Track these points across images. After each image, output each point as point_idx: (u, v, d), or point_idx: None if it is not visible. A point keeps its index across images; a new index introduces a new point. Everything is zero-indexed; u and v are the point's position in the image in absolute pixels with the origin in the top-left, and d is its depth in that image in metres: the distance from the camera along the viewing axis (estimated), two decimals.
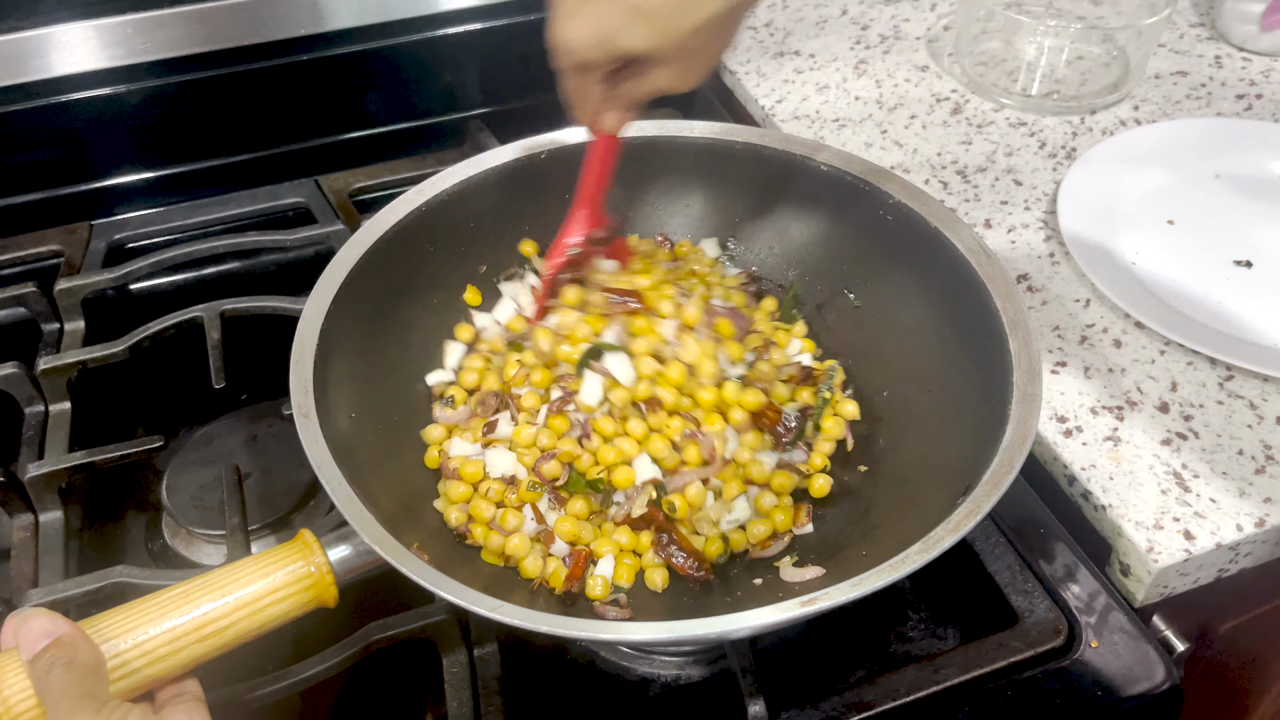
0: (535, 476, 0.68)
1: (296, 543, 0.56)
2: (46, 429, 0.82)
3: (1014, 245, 0.92)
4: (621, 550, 0.66)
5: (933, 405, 0.71)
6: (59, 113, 0.96)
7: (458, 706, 0.62)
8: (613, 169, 0.72)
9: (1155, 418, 0.77)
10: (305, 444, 0.59)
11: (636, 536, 0.66)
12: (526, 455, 0.69)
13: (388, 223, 0.73)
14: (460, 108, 1.09)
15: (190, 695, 0.53)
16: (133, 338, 0.84)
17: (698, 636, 0.56)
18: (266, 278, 0.98)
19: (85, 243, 0.97)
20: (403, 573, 0.53)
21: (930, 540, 0.53)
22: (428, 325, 0.78)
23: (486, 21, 1.04)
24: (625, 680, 0.68)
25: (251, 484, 0.77)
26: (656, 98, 0.64)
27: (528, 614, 0.52)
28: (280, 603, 0.54)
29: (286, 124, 1.05)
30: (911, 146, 1.03)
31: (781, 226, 0.81)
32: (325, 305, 0.67)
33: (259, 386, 0.86)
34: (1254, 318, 0.83)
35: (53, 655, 0.48)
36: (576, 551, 0.66)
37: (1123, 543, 0.71)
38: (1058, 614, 0.66)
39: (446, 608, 0.65)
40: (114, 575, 0.69)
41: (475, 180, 0.77)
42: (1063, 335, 0.84)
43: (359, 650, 0.63)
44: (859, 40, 1.19)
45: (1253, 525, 0.70)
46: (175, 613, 0.52)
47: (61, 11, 0.92)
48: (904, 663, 0.65)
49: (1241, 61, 1.11)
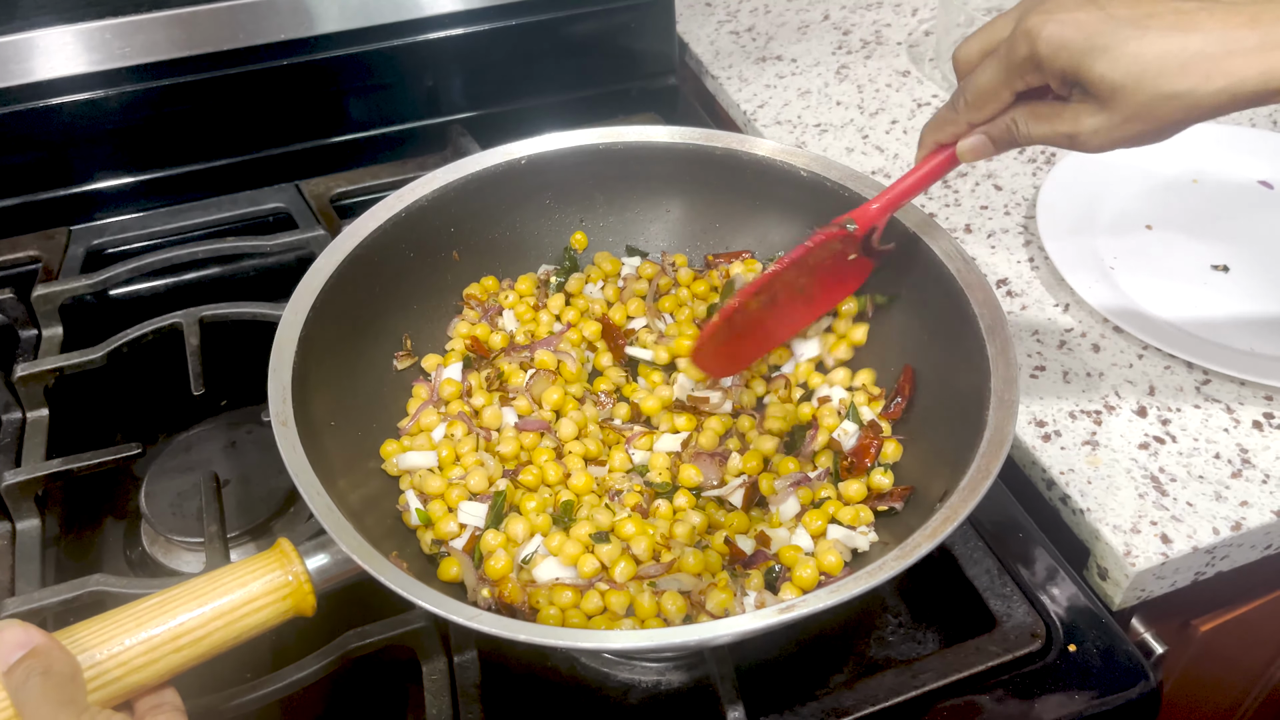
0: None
1: (274, 551, 0.56)
2: (23, 436, 0.81)
3: (993, 250, 0.92)
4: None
5: (911, 409, 0.71)
6: (37, 117, 0.95)
7: (437, 714, 0.62)
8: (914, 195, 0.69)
9: (1133, 422, 0.77)
10: (283, 452, 0.59)
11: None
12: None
13: (368, 228, 0.73)
14: (442, 112, 1.08)
15: (169, 705, 0.53)
16: (111, 344, 0.84)
17: (677, 644, 0.56)
18: (247, 283, 0.98)
19: (63, 248, 0.97)
20: (380, 581, 0.53)
21: (908, 546, 0.54)
22: (409, 332, 0.78)
23: (468, 26, 1.04)
24: (605, 687, 0.68)
25: (230, 491, 0.77)
26: (1036, 142, 0.59)
27: (506, 622, 0.52)
28: (258, 612, 0.54)
29: (267, 129, 1.04)
30: (893, 151, 1.04)
31: (761, 233, 0.82)
32: (305, 311, 0.67)
33: (238, 393, 0.85)
34: (1231, 322, 0.84)
35: (29, 665, 0.48)
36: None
37: (1100, 546, 0.71)
38: (1036, 618, 0.66)
39: (426, 615, 0.65)
40: (91, 584, 0.68)
41: (456, 185, 0.77)
42: (1041, 340, 0.84)
43: (338, 659, 0.63)
44: (840, 45, 1.20)
45: (1229, 529, 0.70)
46: (152, 623, 0.52)
47: (40, 15, 0.91)
48: (883, 667, 0.65)
49: None
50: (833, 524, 0.67)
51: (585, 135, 0.80)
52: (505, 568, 0.64)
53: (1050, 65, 0.54)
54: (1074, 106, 0.55)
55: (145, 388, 0.88)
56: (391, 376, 0.76)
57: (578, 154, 0.80)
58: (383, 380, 0.76)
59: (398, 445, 0.72)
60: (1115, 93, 0.52)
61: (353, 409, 0.70)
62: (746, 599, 0.63)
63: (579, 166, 0.80)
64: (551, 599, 0.62)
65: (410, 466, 0.70)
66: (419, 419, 0.73)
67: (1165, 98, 0.51)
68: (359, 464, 0.69)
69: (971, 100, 0.59)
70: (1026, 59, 0.55)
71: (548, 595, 0.63)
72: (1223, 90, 0.50)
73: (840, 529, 0.66)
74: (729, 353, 0.73)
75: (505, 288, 0.82)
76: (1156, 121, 0.52)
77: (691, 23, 1.24)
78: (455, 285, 0.81)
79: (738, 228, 0.83)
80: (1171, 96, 0.51)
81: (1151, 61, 0.51)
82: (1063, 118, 0.55)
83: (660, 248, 0.85)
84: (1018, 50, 0.55)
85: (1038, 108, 0.57)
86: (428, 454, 0.71)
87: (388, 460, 0.71)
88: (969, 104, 0.60)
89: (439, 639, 0.65)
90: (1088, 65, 0.52)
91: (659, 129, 0.80)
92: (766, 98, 1.12)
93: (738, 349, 0.73)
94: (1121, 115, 0.53)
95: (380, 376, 0.76)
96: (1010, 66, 0.56)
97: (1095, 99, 0.53)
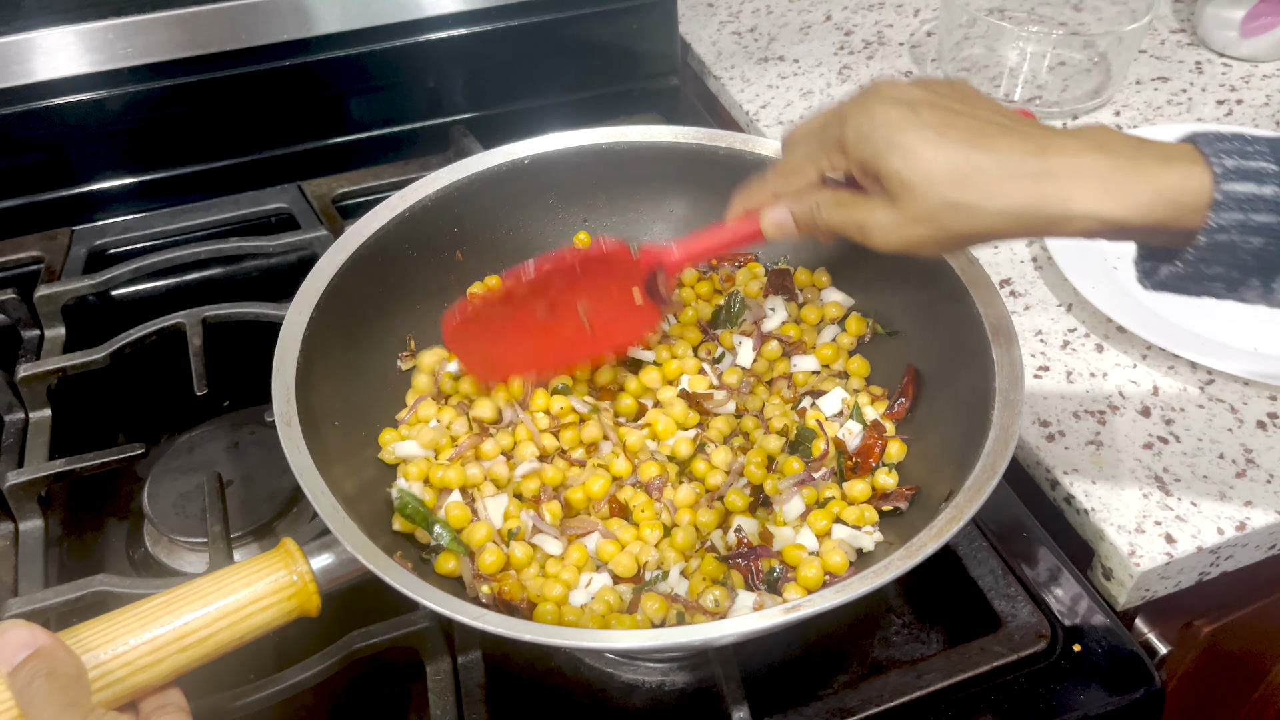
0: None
1: (279, 551, 0.55)
2: (26, 436, 0.81)
3: (997, 251, 0.92)
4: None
5: (915, 409, 0.71)
6: (40, 118, 0.95)
7: (441, 714, 0.62)
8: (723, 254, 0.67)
9: (1137, 422, 0.77)
10: (287, 452, 0.59)
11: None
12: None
13: (371, 228, 0.73)
14: (444, 113, 1.08)
15: (174, 706, 0.52)
16: (114, 344, 0.84)
17: (681, 644, 0.56)
18: (249, 284, 0.98)
19: (66, 248, 0.97)
20: (385, 581, 0.53)
21: (913, 546, 0.54)
22: (412, 331, 0.78)
23: (470, 27, 1.04)
24: (610, 687, 0.68)
25: (234, 491, 0.77)
26: (831, 236, 0.59)
27: (510, 622, 0.52)
28: (262, 612, 0.54)
29: (270, 129, 1.04)
30: None
31: None
32: (308, 311, 0.67)
33: (242, 393, 0.85)
34: (1234, 322, 0.84)
35: (34, 666, 0.48)
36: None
37: (1105, 546, 0.71)
38: (1040, 618, 0.66)
39: (430, 615, 0.65)
40: (94, 584, 0.68)
41: (459, 185, 0.77)
42: (1045, 340, 0.84)
43: (342, 659, 0.63)
44: (843, 46, 1.20)
45: (1233, 529, 0.70)
46: (156, 623, 0.52)
47: (42, 16, 0.91)
48: (887, 668, 0.65)
49: (1222, 67, 1.12)
50: (837, 524, 0.67)
51: (588, 135, 0.80)
52: (497, 562, 0.64)
53: (854, 152, 0.55)
54: (869, 199, 0.55)
55: (148, 388, 0.88)
56: (395, 376, 0.76)
57: (581, 154, 0.80)
58: (386, 380, 0.76)
59: (395, 434, 0.72)
60: (905, 191, 0.52)
61: (356, 408, 0.70)
62: (740, 599, 0.63)
63: (582, 166, 0.80)
64: (544, 592, 0.63)
65: (407, 455, 0.70)
66: (417, 410, 0.74)
67: (950, 206, 0.51)
68: (364, 465, 0.69)
69: (780, 170, 0.60)
70: (835, 141, 0.56)
71: (539, 587, 0.63)
72: (1002, 211, 0.51)
73: (845, 529, 0.66)
74: (491, 352, 0.71)
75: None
76: (942, 229, 0.53)
77: (694, 23, 1.24)
78: (458, 285, 0.81)
79: None
80: (956, 206, 0.51)
81: (940, 167, 0.51)
82: (857, 206, 0.56)
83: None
84: (830, 132, 0.57)
85: (840, 194, 0.57)
86: (428, 436, 0.71)
87: (385, 448, 0.71)
88: (777, 172, 0.61)
89: (443, 639, 0.65)
90: (885, 158, 0.53)
91: (662, 129, 0.80)
92: (769, 98, 1.12)
93: (502, 350, 0.71)
94: (909, 214, 0.53)
95: (383, 376, 0.76)
96: (820, 145, 0.58)
97: (889, 195, 0.54)
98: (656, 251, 0.66)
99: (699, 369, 0.76)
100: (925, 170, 0.52)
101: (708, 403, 0.74)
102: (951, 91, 0.55)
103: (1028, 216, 0.51)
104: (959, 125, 0.52)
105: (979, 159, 0.51)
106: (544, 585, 0.63)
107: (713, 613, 0.62)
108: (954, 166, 0.51)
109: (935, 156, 0.51)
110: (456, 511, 0.67)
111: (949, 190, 0.51)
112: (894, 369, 0.74)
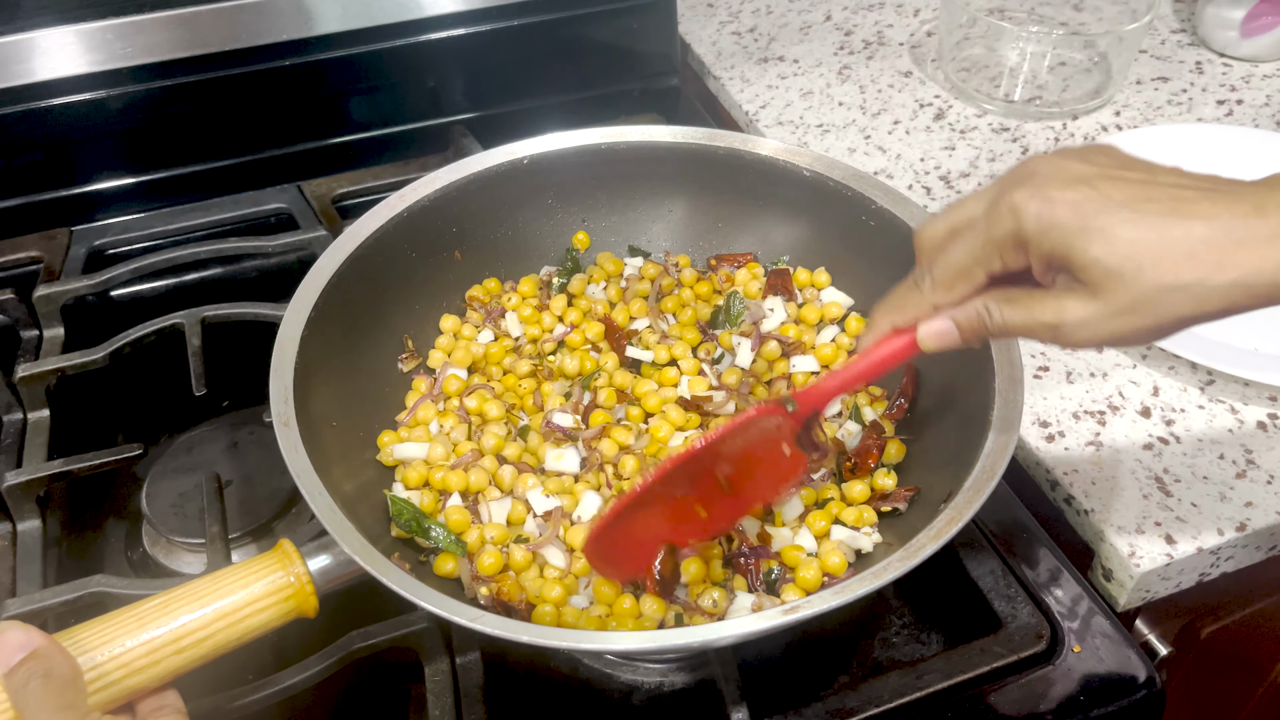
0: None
1: (276, 552, 0.55)
2: (25, 437, 0.81)
3: None
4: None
5: (914, 410, 0.71)
6: (39, 118, 0.95)
7: (440, 715, 0.62)
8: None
9: (1137, 422, 0.77)
10: (285, 453, 0.59)
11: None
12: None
13: (370, 228, 0.73)
14: (443, 113, 1.08)
15: (171, 707, 0.52)
16: (112, 344, 0.84)
17: (680, 645, 0.56)
18: (248, 284, 0.97)
19: (65, 248, 0.96)
20: (383, 582, 0.53)
21: (913, 547, 0.54)
22: (410, 332, 0.78)
23: (470, 27, 1.04)
24: (609, 688, 0.68)
25: (232, 492, 0.77)
26: (1011, 334, 0.51)
27: (509, 624, 0.52)
28: (260, 613, 0.54)
29: (269, 129, 1.04)
30: (895, 152, 1.04)
31: (764, 232, 0.81)
32: (306, 312, 0.67)
33: (240, 393, 0.85)
34: (1235, 323, 0.83)
35: (30, 668, 0.48)
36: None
37: (1105, 547, 0.71)
38: (1040, 619, 0.66)
39: (428, 616, 0.65)
40: (92, 584, 0.68)
41: (458, 185, 0.77)
42: None
43: (340, 660, 0.63)
44: (842, 46, 1.19)
45: (1233, 530, 0.70)
46: (153, 624, 0.51)
47: (42, 16, 0.91)
48: (887, 668, 0.65)
49: (1222, 67, 1.12)
50: (836, 525, 0.67)
51: (588, 135, 0.80)
52: (496, 564, 0.64)
53: (1037, 245, 0.48)
54: (1058, 294, 0.49)
55: (147, 388, 0.88)
56: (393, 376, 0.76)
57: (580, 154, 0.80)
58: (384, 380, 0.76)
59: (394, 435, 0.72)
60: (1110, 280, 0.46)
61: (355, 409, 0.70)
62: (739, 600, 0.63)
63: (581, 166, 0.80)
64: (542, 594, 0.63)
65: (405, 457, 0.70)
66: (416, 412, 0.74)
67: (1168, 289, 0.45)
68: (362, 466, 0.69)
69: (940, 279, 0.53)
70: (1009, 236, 0.49)
71: (538, 588, 0.63)
72: (1235, 283, 0.45)
73: (844, 530, 0.66)
74: (627, 552, 0.62)
75: (508, 290, 0.82)
76: (1155, 316, 0.47)
77: (693, 23, 1.24)
78: (457, 285, 0.81)
79: (740, 227, 0.82)
80: (1176, 288, 0.45)
81: (1153, 247, 0.45)
82: (1045, 306, 0.49)
83: (663, 248, 0.85)
84: (999, 226, 0.49)
85: (1013, 293, 0.51)
86: (423, 443, 0.71)
87: (383, 449, 0.71)
88: (936, 283, 0.53)
89: (442, 640, 0.65)
90: (1081, 247, 0.46)
91: (662, 129, 0.80)
92: (769, 98, 1.12)
93: (639, 549, 0.62)
94: (1115, 306, 0.47)
95: (382, 376, 0.76)
96: (988, 244, 0.50)
97: (1085, 287, 0.47)
98: (810, 397, 0.60)
99: (698, 370, 0.76)
100: (1136, 253, 0.45)
101: (707, 404, 0.73)
102: (1109, 159, 0.49)
103: (1269, 283, 0.45)
104: (1154, 196, 0.46)
105: (1197, 230, 0.45)
106: (543, 586, 0.63)
107: (711, 614, 0.62)
108: (1171, 243, 0.45)
109: (1144, 236, 0.45)
110: (457, 516, 0.67)
111: (1168, 271, 0.45)
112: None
